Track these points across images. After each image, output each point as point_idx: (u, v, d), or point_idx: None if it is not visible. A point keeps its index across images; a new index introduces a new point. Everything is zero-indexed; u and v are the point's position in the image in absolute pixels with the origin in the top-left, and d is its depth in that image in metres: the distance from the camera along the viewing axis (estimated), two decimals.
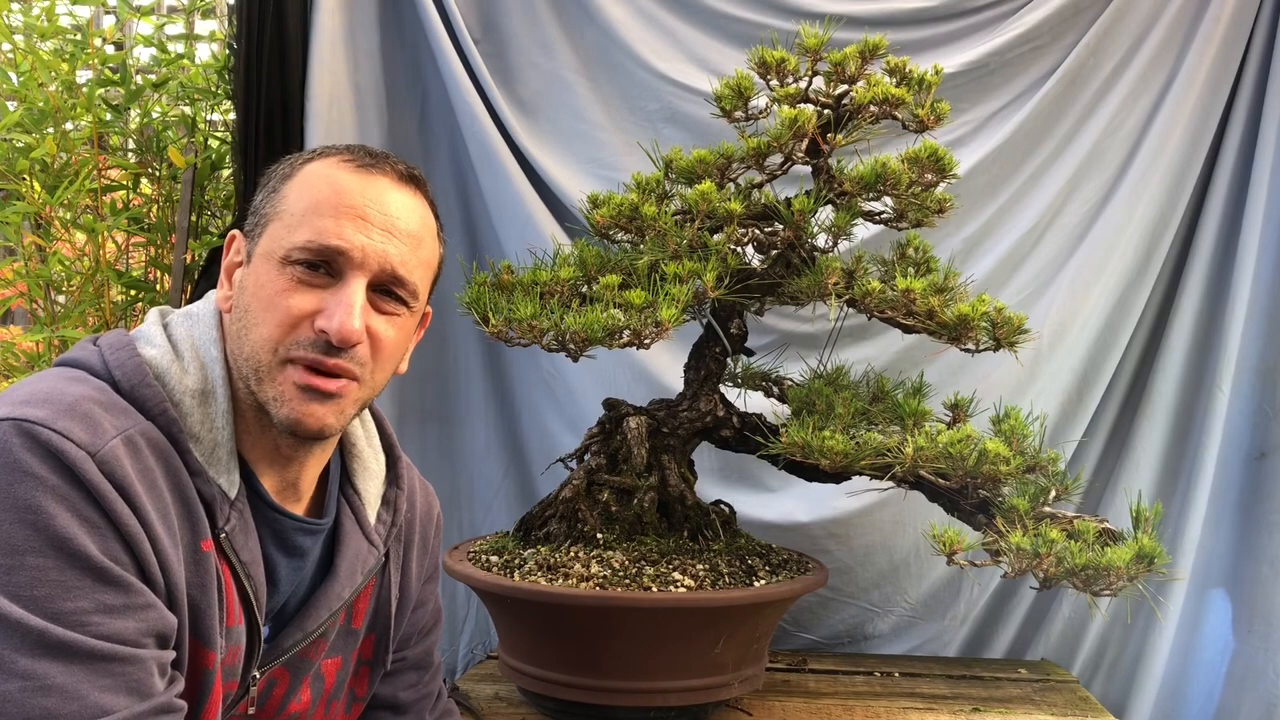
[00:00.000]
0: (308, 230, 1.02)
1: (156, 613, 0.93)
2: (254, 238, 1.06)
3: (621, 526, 1.69)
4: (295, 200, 1.04)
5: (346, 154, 1.08)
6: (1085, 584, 1.40)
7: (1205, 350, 2.10)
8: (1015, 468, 1.48)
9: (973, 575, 2.16)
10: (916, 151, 1.63)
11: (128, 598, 0.91)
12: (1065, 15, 2.07)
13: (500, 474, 2.31)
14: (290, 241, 1.02)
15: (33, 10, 2.48)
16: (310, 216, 1.03)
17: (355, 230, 1.03)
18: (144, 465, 0.96)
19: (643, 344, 1.52)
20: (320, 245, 1.02)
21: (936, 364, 1.98)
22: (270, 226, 1.05)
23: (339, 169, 1.06)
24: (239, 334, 1.04)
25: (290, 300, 1.02)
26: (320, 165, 1.07)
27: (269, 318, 1.02)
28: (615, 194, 1.71)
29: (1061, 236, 2.13)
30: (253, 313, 1.03)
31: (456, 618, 2.34)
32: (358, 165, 1.06)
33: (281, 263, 1.02)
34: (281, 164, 1.10)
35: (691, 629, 1.58)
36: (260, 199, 1.08)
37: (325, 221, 1.03)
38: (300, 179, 1.06)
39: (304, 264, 1.02)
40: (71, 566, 0.88)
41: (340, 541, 1.15)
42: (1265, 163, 2.03)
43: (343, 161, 1.07)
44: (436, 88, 2.22)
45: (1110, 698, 2.14)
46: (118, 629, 0.90)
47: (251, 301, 1.03)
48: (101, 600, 0.89)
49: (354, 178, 1.05)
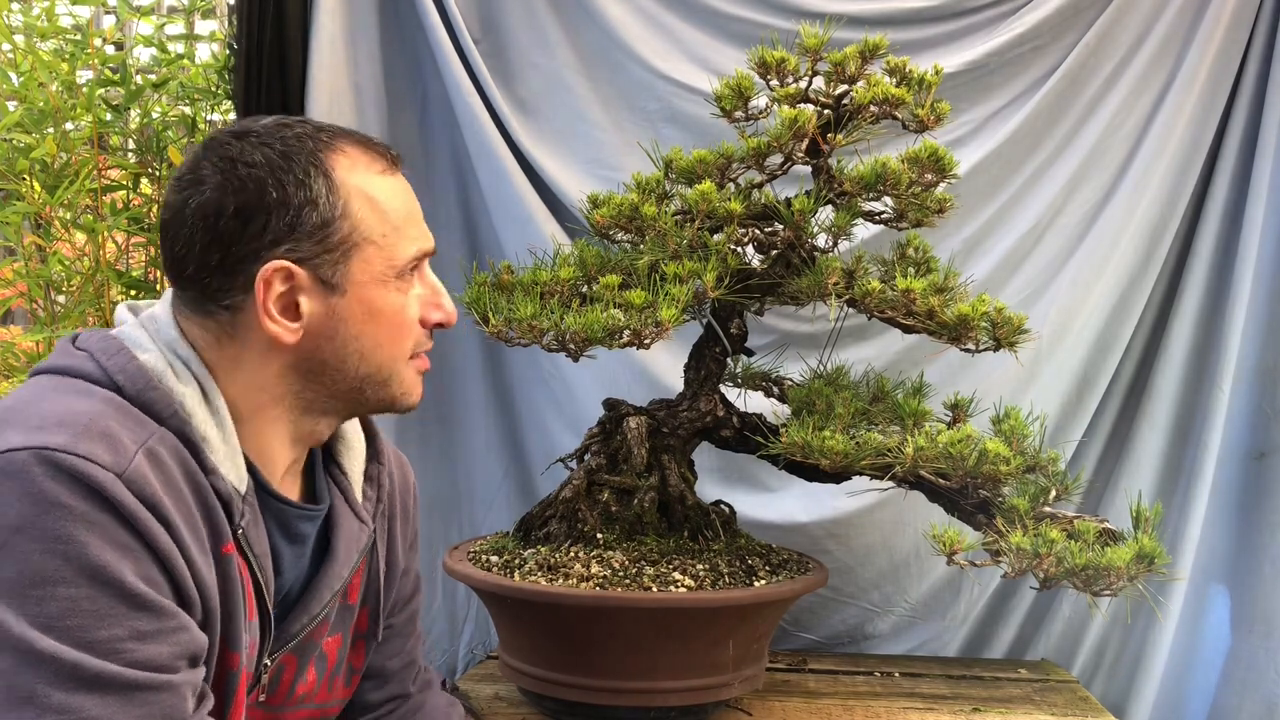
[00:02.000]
0: (408, 245, 1.09)
1: (189, 635, 0.93)
2: (332, 265, 1.04)
3: (621, 526, 1.69)
4: (372, 220, 1.06)
5: (368, 153, 1.09)
6: (1085, 584, 1.40)
7: (1205, 350, 2.10)
8: (1015, 468, 1.48)
9: (973, 575, 2.16)
10: (916, 151, 1.63)
11: (160, 622, 0.91)
12: (1065, 15, 2.07)
13: (500, 474, 2.31)
14: (399, 260, 1.08)
15: (33, 10, 2.48)
16: (400, 232, 1.08)
17: (426, 230, 1.13)
18: (167, 476, 0.95)
19: (643, 344, 1.52)
20: (423, 252, 1.11)
21: (936, 364, 1.98)
22: (360, 253, 1.05)
23: (384, 177, 1.09)
24: (349, 360, 1.07)
25: (411, 311, 1.10)
26: (364, 177, 1.07)
27: (400, 334, 1.10)
28: (615, 194, 1.71)
29: (1061, 236, 2.13)
30: (374, 335, 1.08)
31: (457, 618, 2.34)
32: (389, 164, 1.10)
33: (396, 282, 1.08)
34: (290, 169, 1.03)
35: (691, 629, 1.58)
36: (301, 222, 1.02)
37: (412, 231, 1.10)
38: (357, 196, 1.05)
39: (409, 273, 1.09)
40: (105, 594, 0.88)
41: (335, 523, 1.16)
42: (1265, 163, 2.02)
43: (380, 169, 1.09)
44: (436, 87, 2.22)
45: (1110, 698, 2.14)
46: (151, 655, 0.89)
47: (365, 327, 1.07)
48: (135, 627, 0.89)
49: (398, 182, 1.11)
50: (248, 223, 1.01)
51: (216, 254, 1.01)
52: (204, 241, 1.01)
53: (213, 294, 1.03)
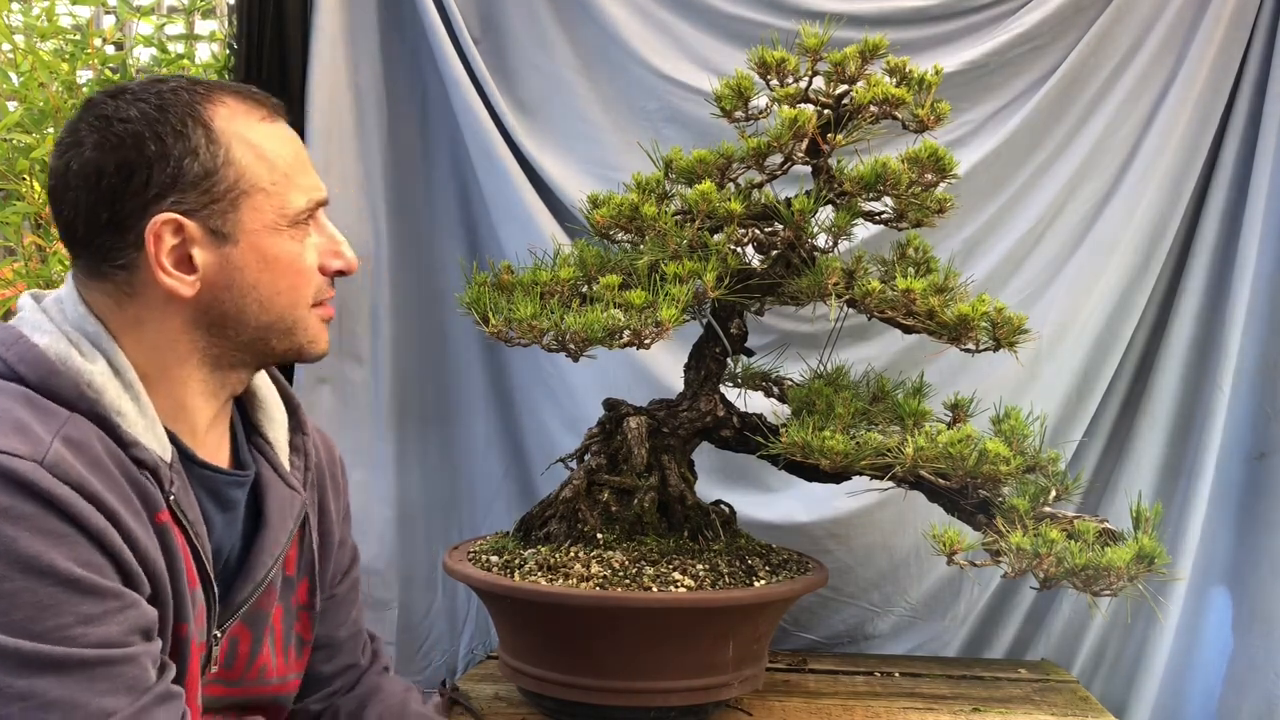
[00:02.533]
0: (298, 194, 1.09)
1: (137, 611, 0.94)
2: (221, 214, 1.04)
3: (621, 526, 1.69)
4: (259, 168, 1.06)
5: (247, 102, 1.09)
6: (1085, 584, 1.40)
7: (1205, 350, 2.10)
8: (1015, 468, 1.48)
9: (973, 575, 2.16)
10: (916, 151, 1.63)
11: (105, 603, 0.91)
12: (1065, 15, 2.07)
13: (500, 474, 2.31)
14: (291, 209, 1.08)
15: (33, 10, 2.47)
16: (290, 180, 1.09)
17: (318, 180, 1.14)
18: (91, 456, 0.95)
19: (643, 344, 1.52)
20: (316, 201, 1.12)
21: (936, 364, 1.98)
22: (249, 201, 1.05)
23: (265, 124, 1.09)
24: (249, 309, 1.07)
25: (308, 259, 1.11)
26: (244, 125, 1.07)
27: (298, 281, 1.10)
28: (615, 194, 1.71)
29: (1061, 236, 2.13)
30: (272, 283, 1.08)
31: (457, 618, 2.34)
32: (270, 112, 1.11)
33: (291, 229, 1.09)
34: (167, 121, 1.02)
35: (691, 629, 1.58)
36: (183, 173, 1.02)
37: (303, 180, 1.11)
38: (239, 144, 1.06)
39: (303, 222, 1.10)
40: (43, 585, 0.88)
41: (263, 489, 1.16)
42: (1265, 163, 2.02)
43: (260, 116, 1.09)
44: (436, 88, 2.21)
45: (1110, 698, 2.14)
46: (102, 635, 0.90)
47: (262, 275, 1.07)
48: (80, 611, 0.89)
49: (282, 129, 1.12)
50: (129, 178, 1.01)
51: (104, 213, 1.02)
52: (89, 202, 1.02)
53: (106, 254, 1.03)
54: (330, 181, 2.12)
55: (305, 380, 2.16)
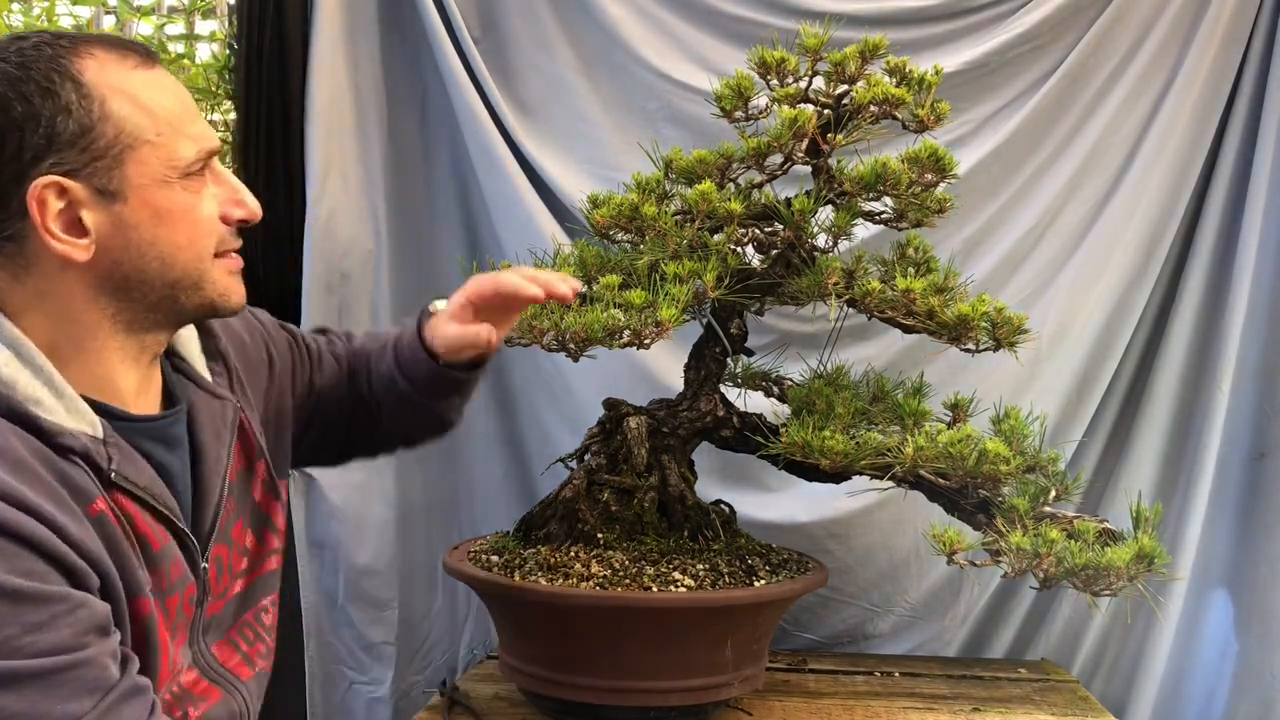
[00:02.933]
0: (187, 144, 1.04)
1: (87, 610, 0.91)
2: (105, 171, 0.99)
3: (622, 526, 1.69)
4: (141, 119, 1.01)
5: (116, 51, 1.03)
6: (1085, 584, 1.40)
7: (1205, 350, 2.10)
8: (1015, 468, 1.48)
9: (973, 575, 2.16)
10: (916, 151, 1.63)
11: (50, 609, 0.88)
12: (1065, 14, 2.07)
13: (500, 474, 2.31)
14: (181, 158, 1.03)
15: (33, 10, 2.48)
16: (176, 128, 1.03)
17: (207, 129, 1.08)
18: (13, 459, 0.91)
19: (643, 344, 1.52)
20: (208, 150, 1.06)
21: (936, 364, 1.98)
22: (134, 155, 1.00)
23: (140, 72, 1.03)
24: (150, 268, 1.03)
25: (206, 209, 1.07)
26: (117, 75, 1.01)
27: (198, 233, 1.06)
28: (615, 194, 1.71)
29: (1061, 236, 2.13)
30: (170, 238, 1.03)
31: (457, 618, 2.34)
32: (142, 59, 1.04)
33: (183, 180, 1.04)
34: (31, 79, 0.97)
35: (691, 629, 1.58)
36: (58, 132, 0.97)
37: (190, 129, 1.05)
38: (115, 95, 1.00)
39: (196, 173, 1.05)
40: None
41: (192, 413, 1.13)
42: (1265, 162, 2.02)
43: (133, 64, 1.03)
44: (436, 87, 2.21)
45: (1110, 698, 2.14)
46: (53, 640, 0.87)
47: (159, 231, 1.03)
48: (25, 621, 0.86)
49: (159, 75, 1.06)
50: (1, 145, 0.96)
51: None
52: None
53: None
54: (330, 181, 2.14)
55: None
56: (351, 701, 2.25)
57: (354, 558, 2.21)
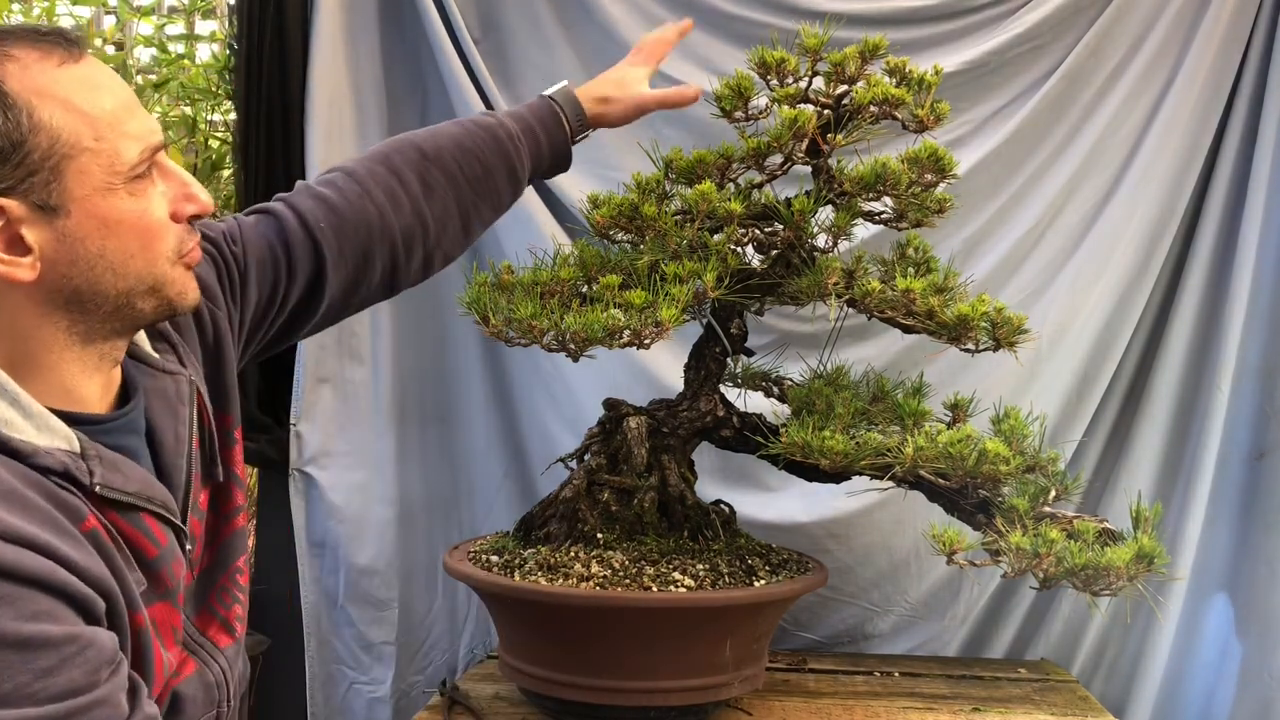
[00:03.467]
0: (129, 144, 0.96)
1: (95, 648, 0.88)
2: (43, 186, 0.92)
3: (622, 526, 1.69)
4: (76, 124, 0.93)
5: (38, 48, 0.94)
6: (1085, 584, 1.40)
7: (1205, 350, 2.10)
8: (1015, 468, 1.48)
9: (972, 575, 2.16)
10: (916, 151, 1.63)
11: (61, 652, 0.85)
12: (1065, 14, 2.07)
13: (500, 474, 2.31)
14: (125, 161, 0.96)
15: (33, 10, 2.48)
16: (115, 129, 0.95)
17: (149, 122, 1.00)
18: (3, 489, 0.86)
19: (643, 344, 1.52)
20: (152, 147, 0.98)
21: (936, 364, 1.98)
22: (73, 164, 0.93)
23: (67, 69, 0.94)
24: (103, 280, 0.97)
25: (156, 212, 0.99)
26: (42, 77, 0.92)
27: (150, 239, 0.99)
28: (615, 194, 1.71)
29: (1061, 236, 2.13)
30: (120, 248, 0.97)
31: (457, 618, 2.34)
32: (68, 51, 0.95)
33: (127, 185, 0.96)
34: None
35: (691, 629, 1.58)
36: None
37: (131, 126, 0.97)
38: (43, 102, 0.92)
39: (143, 174, 0.98)
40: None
41: (146, 396, 1.08)
42: (1265, 162, 2.02)
43: (58, 61, 0.94)
44: (436, 87, 2.21)
45: (1110, 698, 2.14)
46: (65, 684, 0.85)
47: (107, 242, 0.96)
48: (36, 667, 0.83)
49: (89, 69, 0.97)
50: None
51: None
52: None
53: None
54: None
55: (305, 380, 2.16)
56: (351, 701, 2.25)
57: (354, 558, 2.21)
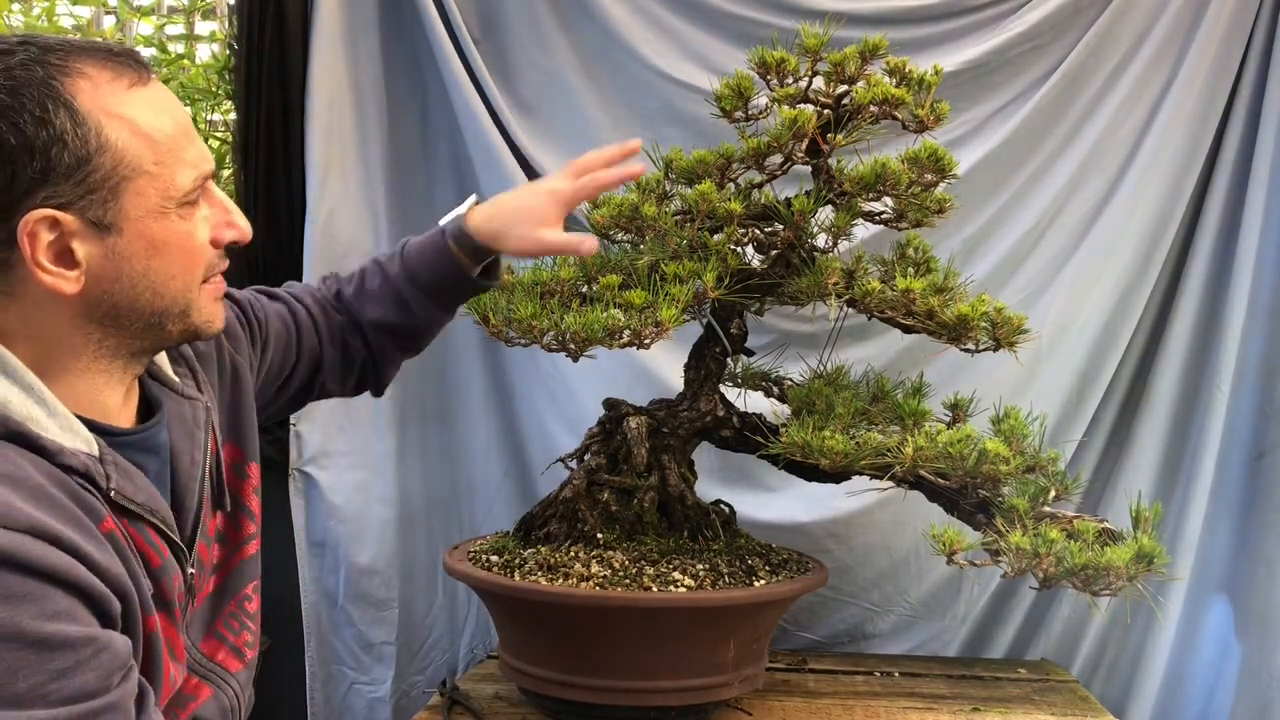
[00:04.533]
0: (185, 169, 1.00)
1: (109, 652, 0.89)
2: (100, 204, 0.94)
3: (622, 526, 1.69)
4: (139, 148, 0.96)
5: (110, 68, 0.96)
6: (1085, 584, 1.40)
7: (1205, 350, 2.10)
8: (1015, 468, 1.48)
9: (973, 575, 2.16)
10: (916, 151, 1.63)
11: (78, 653, 0.86)
12: (1066, 14, 2.07)
13: (500, 474, 2.31)
14: (179, 188, 0.99)
15: (33, 10, 2.48)
16: (175, 155, 0.99)
17: (204, 150, 1.03)
18: (30, 486, 0.88)
19: (643, 344, 1.52)
20: (204, 175, 1.02)
21: (936, 364, 1.98)
22: (132, 185, 0.96)
23: (135, 92, 0.97)
24: (141, 298, 0.99)
25: (200, 237, 1.03)
26: (112, 98, 0.95)
27: (191, 262, 1.02)
28: (615, 194, 1.71)
29: (1061, 236, 2.13)
30: (163, 269, 1.00)
31: (456, 618, 2.34)
32: (137, 74, 0.98)
33: (179, 210, 1.00)
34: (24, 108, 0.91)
35: (691, 629, 1.58)
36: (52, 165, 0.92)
37: (187, 153, 1.00)
38: (111, 122, 0.95)
39: (193, 200, 1.01)
40: (9, 650, 0.83)
41: (168, 418, 1.10)
42: (1264, 162, 2.02)
43: (129, 83, 0.97)
44: (436, 87, 2.22)
45: (1110, 698, 2.14)
46: (78, 686, 0.86)
47: (152, 262, 0.99)
48: (52, 668, 0.84)
49: (155, 93, 1.00)
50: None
51: None
52: None
53: None
54: (331, 181, 2.14)
55: None
56: (352, 701, 2.25)
57: (354, 558, 2.21)
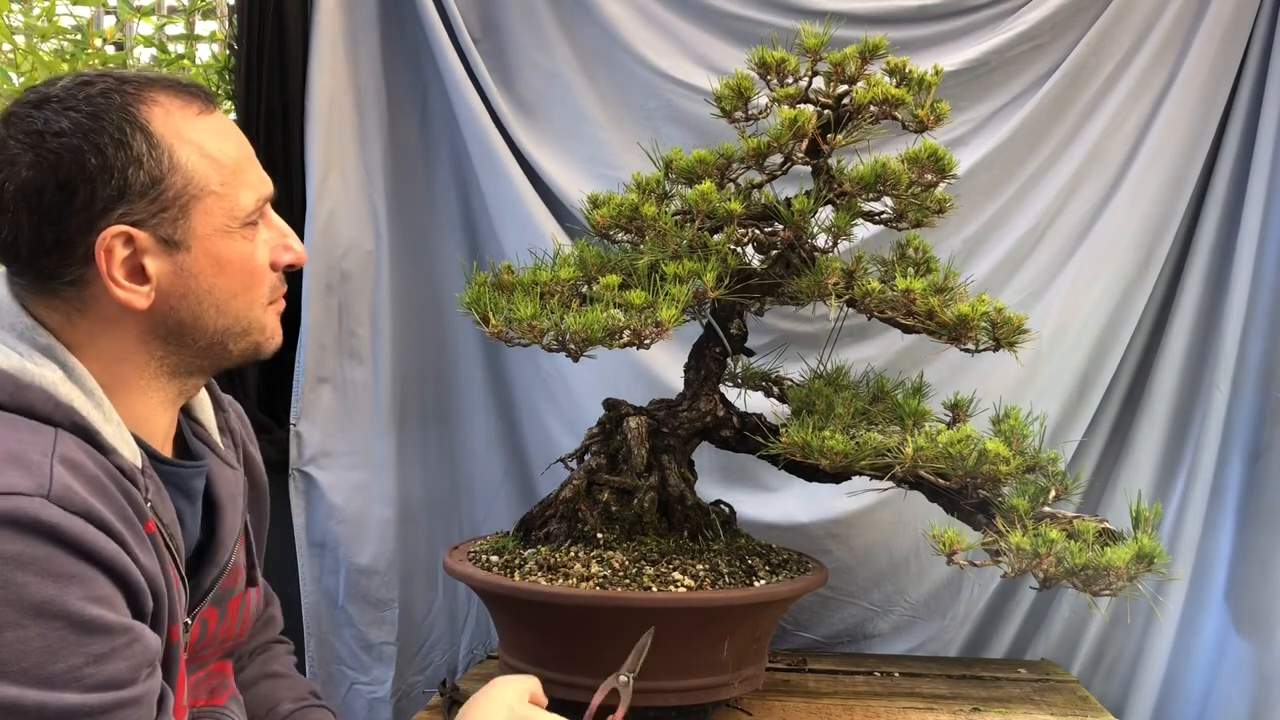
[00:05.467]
0: (247, 190, 1.06)
1: (142, 644, 0.92)
2: (171, 222, 1.01)
3: (621, 526, 1.69)
4: (207, 169, 1.03)
5: (180, 97, 1.04)
6: (1085, 584, 1.40)
7: (1205, 350, 2.10)
8: (1015, 468, 1.48)
9: (973, 575, 2.16)
10: (916, 152, 1.63)
11: (114, 640, 0.89)
12: (1066, 14, 2.07)
13: (500, 474, 2.31)
14: (243, 209, 1.06)
15: (33, 10, 2.47)
16: (239, 177, 1.06)
17: (264, 174, 1.10)
18: (88, 475, 0.92)
19: (643, 344, 1.52)
20: (264, 197, 1.09)
21: (936, 364, 1.98)
22: (200, 205, 1.02)
23: (204, 119, 1.05)
24: (205, 315, 1.05)
25: (260, 257, 1.09)
26: (183, 123, 1.03)
27: (253, 282, 1.08)
28: (615, 194, 1.71)
29: (1061, 236, 2.13)
30: (227, 287, 1.06)
31: (457, 618, 2.34)
32: (204, 103, 1.06)
33: (242, 231, 1.06)
34: (104, 130, 0.98)
35: (691, 629, 1.58)
36: (129, 184, 0.98)
37: (251, 176, 1.08)
38: (182, 145, 1.01)
39: (254, 222, 1.08)
40: (53, 628, 0.86)
41: (211, 474, 1.14)
42: (1264, 163, 2.02)
43: (197, 110, 1.05)
44: (436, 87, 2.21)
45: (1110, 698, 2.15)
46: (110, 674, 0.88)
47: (217, 280, 1.05)
48: (90, 651, 0.87)
49: (220, 122, 1.07)
50: (73, 195, 0.96)
51: (49, 233, 0.97)
52: (32, 223, 0.97)
53: (53, 272, 0.99)
54: (330, 181, 2.14)
55: (305, 380, 2.16)
56: (352, 701, 2.25)
57: (354, 558, 2.21)
